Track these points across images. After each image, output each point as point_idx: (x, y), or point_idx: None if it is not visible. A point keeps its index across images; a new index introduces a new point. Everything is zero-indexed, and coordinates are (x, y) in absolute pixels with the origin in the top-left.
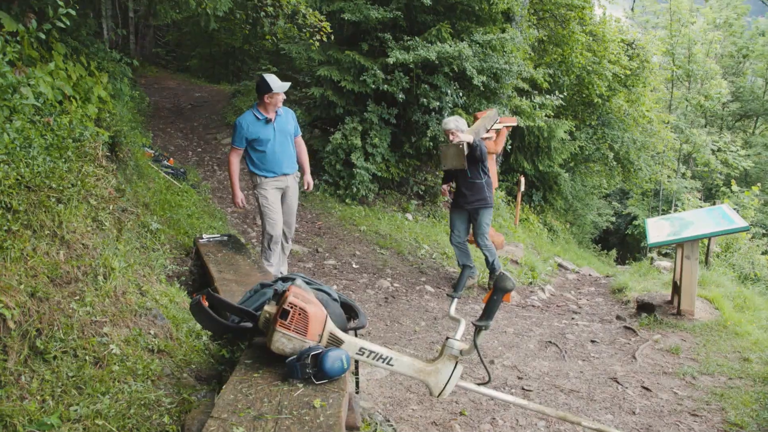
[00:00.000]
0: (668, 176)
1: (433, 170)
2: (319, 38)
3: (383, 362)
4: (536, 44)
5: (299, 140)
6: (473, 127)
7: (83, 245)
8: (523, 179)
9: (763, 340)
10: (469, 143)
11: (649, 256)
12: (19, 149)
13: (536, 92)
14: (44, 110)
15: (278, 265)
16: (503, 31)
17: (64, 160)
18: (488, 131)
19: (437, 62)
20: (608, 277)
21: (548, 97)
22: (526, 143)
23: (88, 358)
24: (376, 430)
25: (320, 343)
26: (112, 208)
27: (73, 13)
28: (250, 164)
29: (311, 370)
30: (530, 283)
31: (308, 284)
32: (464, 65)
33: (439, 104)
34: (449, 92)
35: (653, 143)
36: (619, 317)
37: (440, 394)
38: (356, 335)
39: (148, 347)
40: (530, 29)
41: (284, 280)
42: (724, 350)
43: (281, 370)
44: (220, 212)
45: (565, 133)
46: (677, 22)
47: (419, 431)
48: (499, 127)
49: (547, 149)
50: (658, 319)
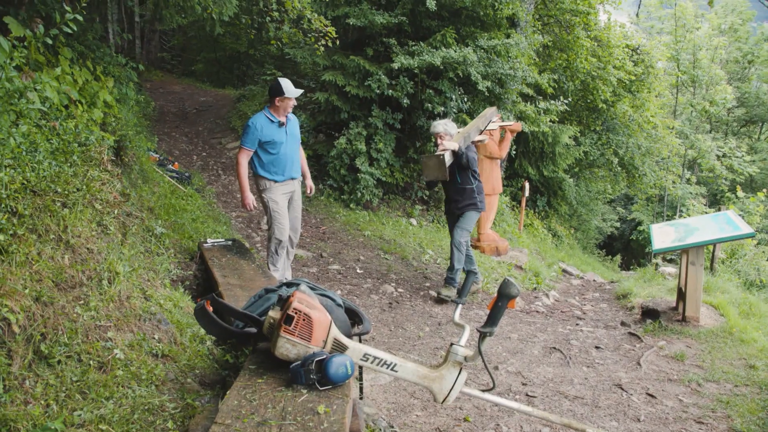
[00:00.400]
0: (673, 182)
1: None
2: (324, 43)
3: (387, 368)
4: (541, 50)
5: (300, 147)
6: (464, 129)
7: (88, 249)
8: (527, 184)
9: None
10: (454, 151)
11: (653, 261)
12: (25, 153)
13: (541, 97)
14: (50, 115)
15: (284, 269)
16: (508, 36)
17: (69, 164)
18: (482, 132)
19: (442, 67)
20: (613, 282)
21: (553, 102)
22: (530, 148)
23: (92, 362)
24: None
25: (324, 348)
26: (116, 212)
27: (80, 18)
28: (258, 167)
29: (315, 375)
30: (534, 288)
31: (312, 289)
32: (469, 70)
33: (443, 109)
34: (454, 97)
35: (658, 149)
36: (623, 323)
37: (444, 400)
38: (360, 341)
39: (152, 352)
40: (535, 35)
41: (288, 285)
42: (729, 357)
43: (285, 375)
44: (224, 217)
45: (569, 138)
46: (682, 27)
47: None
48: (494, 126)
49: (551, 154)
50: (662, 325)
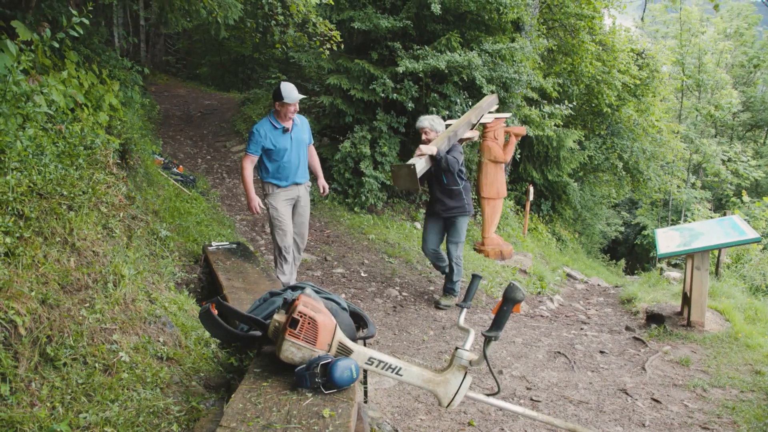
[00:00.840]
0: (678, 186)
1: None
2: (329, 47)
3: (392, 372)
4: (546, 54)
5: (311, 148)
6: (454, 125)
7: (93, 252)
8: (531, 188)
9: None
10: (432, 155)
11: (658, 266)
12: (31, 157)
13: (545, 101)
14: (56, 118)
15: (290, 274)
16: (513, 40)
17: (75, 167)
18: (474, 127)
19: (447, 71)
20: (617, 287)
21: (557, 106)
22: (535, 152)
23: (97, 365)
24: None
25: (329, 352)
26: (122, 215)
27: (86, 22)
28: (263, 172)
29: (320, 379)
30: (539, 292)
31: (318, 293)
32: (474, 74)
33: (448, 113)
34: (459, 101)
35: (663, 153)
36: (628, 328)
37: (449, 404)
38: (365, 344)
39: (157, 355)
40: (540, 39)
41: (293, 289)
42: (735, 362)
43: (290, 379)
44: (229, 220)
45: (574, 142)
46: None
47: None
48: (489, 119)
49: (556, 158)
50: (667, 330)
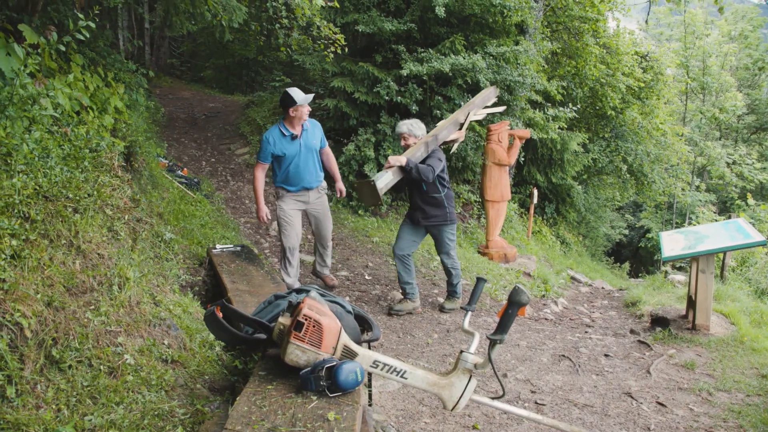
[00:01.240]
0: (682, 189)
1: None
2: (333, 50)
3: (397, 375)
4: (550, 56)
5: (327, 151)
6: (440, 125)
7: (99, 255)
8: (535, 191)
9: None
10: (401, 166)
11: (663, 269)
12: (37, 159)
13: (549, 104)
14: (62, 121)
15: (296, 277)
16: (517, 43)
17: (80, 170)
18: (462, 126)
19: (451, 74)
20: (621, 290)
21: (561, 109)
22: (539, 155)
23: (102, 367)
24: None
25: (334, 355)
26: (127, 218)
27: (92, 25)
28: (274, 177)
29: (325, 382)
30: (543, 295)
31: (322, 296)
32: (478, 77)
33: None
34: (463, 104)
35: (667, 156)
36: (633, 331)
37: (454, 407)
38: (370, 348)
39: (161, 357)
40: (544, 41)
41: (298, 291)
42: (741, 366)
43: (295, 382)
44: (233, 222)
45: (578, 145)
46: (691, 34)
47: None
48: (480, 116)
49: (560, 161)
50: (672, 333)
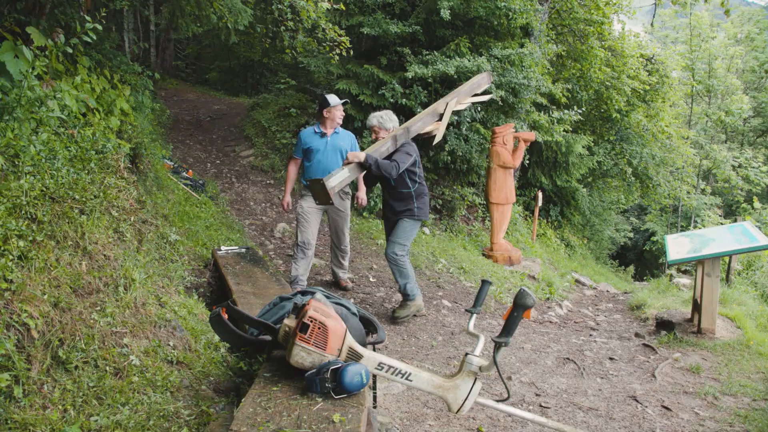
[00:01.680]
0: (687, 192)
1: (450, 184)
2: (338, 52)
3: (402, 377)
4: (555, 59)
5: None
6: (414, 118)
7: (105, 256)
8: (540, 194)
9: None
10: (361, 162)
11: (668, 272)
12: (44, 161)
13: (554, 107)
14: (69, 122)
15: (305, 271)
16: (522, 46)
17: (87, 171)
18: (441, 117)
19: (456, 76)
20: (626, 293)
21: (566, 112)
22: (543, 158)
23: (108, 368)
24: None
25: (339, 357)
26: (132, 219)
27: (99, 28)
28: (303, 174)
29: (330, 384)
30: (547, 298)
31: (328, 298)
32: None
33: (457, 118)
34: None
35: (672, 159)
36: (637, 334)
37: (459, 410)
38: (375, 350)
39: (167, 359)
40: (549, 44)
41: (303, 293)
42: (747, 370)
43: (300, 383)
44: (238, 224)
45: (583, 148)
46: (697, 37)
47: None
48: (463, 106)
49: (564, 164)
50: (677, 337)
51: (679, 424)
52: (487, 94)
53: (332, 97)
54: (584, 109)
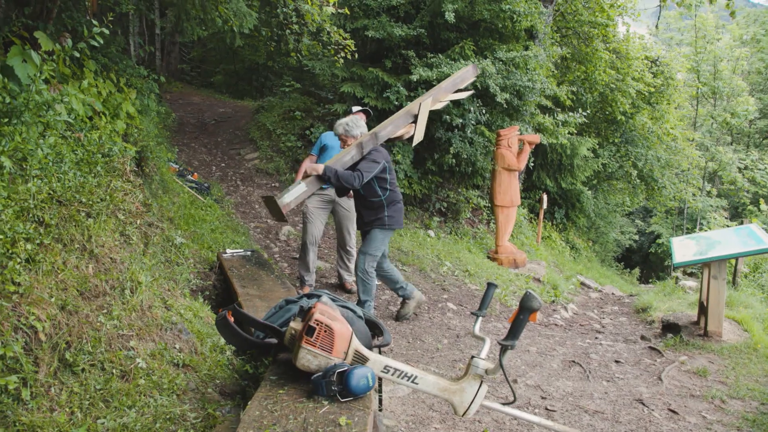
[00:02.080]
0: (693, 194)
1: (455, 187)
2: (343, 55)
3: (408, 380)
4: (559, 62)
5: None
6: (385, 122)
7: (111, 259)
8: (545, 197)
9: None
10: (319, 175)
11: (673, 275)
12: (51, 164)
13: (559, 110)
14: (75, 126)
15: (311, 270)
16: (526, 48)
17: (93, 175)
18: (415, 119)
19: None
20: (632, 296)
21: (571, 114)
22: (548, 160)
23: (115, 371)
24: None
25: (345, 360)
26: (139, 222)
27: (106, 32)
28: None
29: (336, 387)
30: (553, 301)
31: (333, 301)
32: (487, 82)
33: (462, 121)
34: (472, 109)
35: (677, 161)
36: (643, 337)
37: (465, 413)
38: (380, 353)
39: (173, 361)
40: (553, 47)
41: (309, 296)
42: (754, 374)
43: (306, 386)
44: (243, 227)
45: (588, 150)
46: (702, 38)
47: None
48: (441, 106)
49: (569, 167)
50: (684, 339)
51: (686, 427)
52: (468, 91)
53: (356, 106)
54: (589, 111)
